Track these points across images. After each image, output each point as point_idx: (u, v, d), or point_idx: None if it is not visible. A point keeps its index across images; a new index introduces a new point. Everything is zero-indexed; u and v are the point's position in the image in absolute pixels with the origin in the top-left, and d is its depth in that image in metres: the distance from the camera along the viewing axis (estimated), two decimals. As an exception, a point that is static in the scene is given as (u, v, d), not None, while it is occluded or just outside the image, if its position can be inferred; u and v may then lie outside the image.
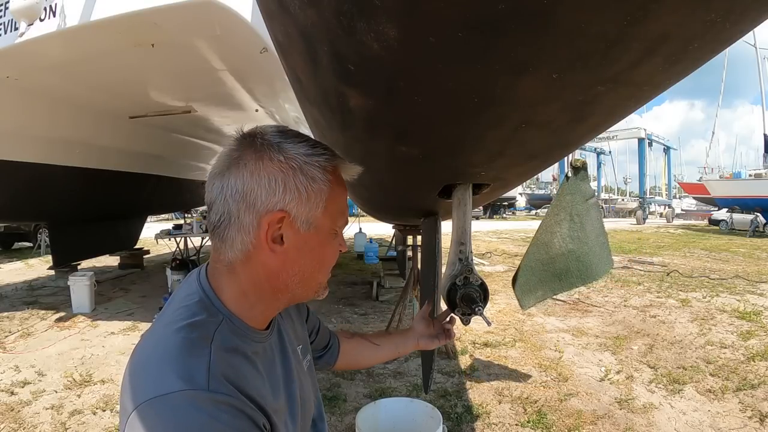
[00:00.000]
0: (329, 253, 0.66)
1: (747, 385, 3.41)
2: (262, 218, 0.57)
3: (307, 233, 0.61)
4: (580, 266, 1.52)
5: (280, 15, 0.56)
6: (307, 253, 0.62)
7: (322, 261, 0.65)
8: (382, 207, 2.06)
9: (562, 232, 1.48)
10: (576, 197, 1.47)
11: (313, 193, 0.59)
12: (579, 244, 1.50)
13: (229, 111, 6.02)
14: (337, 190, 0.62)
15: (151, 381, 0.51)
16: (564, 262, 1.51)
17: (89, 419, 2.99)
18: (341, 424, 2.88)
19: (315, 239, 0.62)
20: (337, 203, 0.63)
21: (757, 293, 6.50)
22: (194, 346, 0.54)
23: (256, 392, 0.56)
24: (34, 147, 5.19)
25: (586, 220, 1.49)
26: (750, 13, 0.37)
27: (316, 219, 0.60)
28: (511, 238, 15.42)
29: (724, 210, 21.02)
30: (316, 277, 0.65)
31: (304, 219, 0.60)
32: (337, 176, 0.62)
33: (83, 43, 3.54)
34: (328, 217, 0.62)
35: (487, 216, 31.36)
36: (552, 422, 2.90)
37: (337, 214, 0.64)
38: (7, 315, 5.47)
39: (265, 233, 0.58)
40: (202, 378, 0.51)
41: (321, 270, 0.66)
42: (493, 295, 6.26)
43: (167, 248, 9.06)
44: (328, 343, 0.98)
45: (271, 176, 0.57)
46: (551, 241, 1.50)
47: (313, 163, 0.59)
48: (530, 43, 0.40)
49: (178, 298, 0.62)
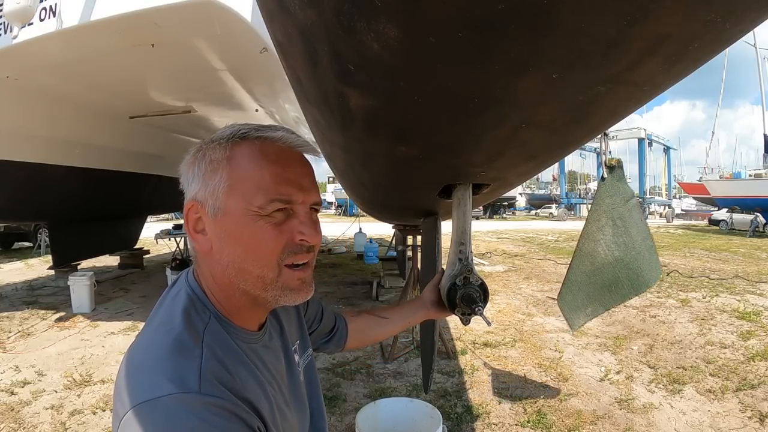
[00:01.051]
0: (253, 238, 0.56)
1: (747, 385, 3.41)
2: (183, 211, 0.59)
3: (218, 218, 0.57)
4: (630, 274, 1.38)
5: (280, 15, 0.56)
6: (226, 241, 0.57)
7: (245, 248, 0.56)
8: (382, 207, 2.06)
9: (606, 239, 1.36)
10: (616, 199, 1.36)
11: (209, 175, 0.57)
12: (626, 251, 1.36)
13: (229, 111, 6.02)
14: (246, 164, 0.56)
15: (141, 384, 0.50)
16: (612, 271, 1.37)
17: (89, 419, 2.99)
18: (341, 424, 2.88)
19: (228, 224, 0.56)
20: (251, 181, 0.56)
21: (757, 293, 6.50)
22: (185, 347, 0.53)
23: (250, 393, 0.55)
24: (34, 147, 5.19)
25: (630, 223, 1.36)
26: (750, 13, 0.37)
27: (221, 201, 0.56)
28: (511, 238, 15.42)
29: (724, 210, 21.03)
30: (248, 270, 0.57)
31: (211, 204, 0.57)
32: (248, 150, 0.57)
33: (83, 42, 3.53)
34: (237, 197, 0.56)
35: (487, 216, 31.39)
36: (552, 422, 2.90)
37: (252, 192, 0.56)
38: (7, 315, 5.47)
39: (188, 224, 0.59)
40: (193, 380, 0.50)
41: (248, 259, 0.57)
42: (493, 295, 6.26)
43: (167, 248, 9.07)
44: (334, 326, 0.96)
45: (188, 170, 0.60)
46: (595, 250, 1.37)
47: (212, 146, 0.58)
48: (530, 43, 0.40)
49: (168, 298, 0.61)
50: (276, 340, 0.71)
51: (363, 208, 2.77)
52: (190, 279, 0.62)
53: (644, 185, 31.42)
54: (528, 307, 5.81)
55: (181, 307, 0.58)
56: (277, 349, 0.70)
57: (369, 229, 10.72)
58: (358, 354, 4.08)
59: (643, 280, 1.39)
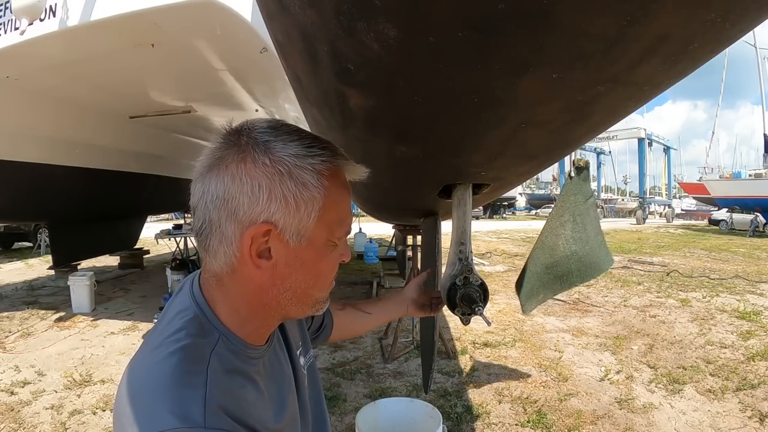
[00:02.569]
0: (326, 267, 0.58)
1: (747, 385, 3.41)
2: (245, 230, 0.51)
3: (298, 247, 0.53)
4: (580, 266, 1.52)
5: (280, 15, 0.56)
6: (298, 268, 0.55)
7: (317, 276, 0.57)
8: (382, 207, 2.06)
9: (566, 234, 1.47)
10: (578, 197, 1.46)
11: (303, 202, 0.52)
12: (581, 245, 1.49)
13: (229, 111, 6.02)
14: (335, 196, 0.54)
15: (142, 416, 0.47)
16: (567, 264, 1.50)
17: (89, 419, 2.99)
18: (341, 424, 2.88)
19: (307, 253, 0.54)
20: (336, 211, 0.55)
21: (757, 293, 6.50)
22: (189, 373, 0.50)
23: (257, 419, 0.53)
24: (34, 147, 5.19)
25: (587, 220, 1.49)
26: (750, 13, 0.37)
27: (308, 231, 0.53)
28: (511, 238, 15.42)
29: (724, 210, 21.03)
30: (312, 294, 0.58)
31: (293, 231, 0.52)
32: (336, 180, 0.55)
33: (83, 43, 3.53)
34: (323, 228, 0.54)
35: (487, 216, 31.38)
36: (552, 422, 2.90)
37: (335, 224, 0.56)
38: (7, 315, 5.47)
39: (249, 248, 0.52)
40: (197, 413, 0.46)
41: (316, 285, 0.58)
42: (493, 295, 6.25)
43: (167, 248, 9.07)
44: (322, 322, 0.96)
45: (255, 182, 0.50)
46: (556, 243, 1.47)
47: (305, 166, 0.51)
48: (530, 43, 0.40)
49: (171, 314, 0.57)
50: (282, 348, 0.70)
51: (363, 208, 2.77)
52: (196, 294, 0.58)
53: (644, 185, 31.39)
54: (528, 307, 5.80)
55: (186, 327, 0.54)
56: (283, 356, 0.69)
57: (369, 229, 10.72)
58: (358, 354, 4.08)
59: (591, 271, 1.56)
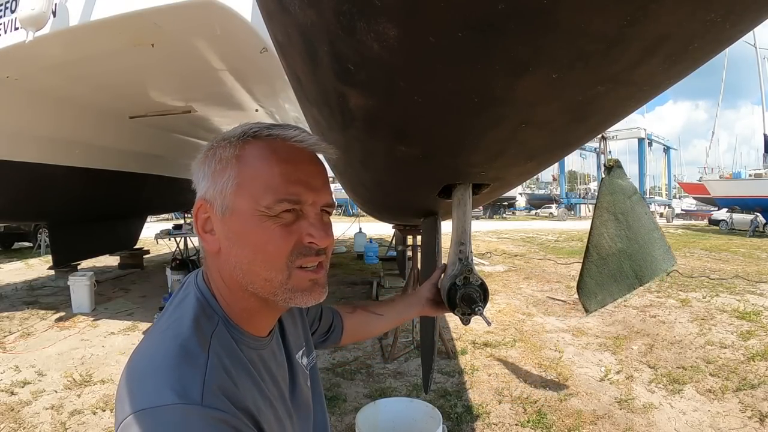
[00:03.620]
0: (262, 239, 0.55)
1: (747, 385, 3.41)
2: (193, 210, 0.59)
3: (225, 218, 0.56)
4: (633, 265, 1.50)
5: (280, 15, 0.56)
6: (234, 241, 0.56)
7: (255, 250, 0.55)
8: (382, 207, 2.06)
9: (610, 231, 1.49)
10: (617, 196, 1.48)
11: (219, 174, 0.56)
12: (628, 243, 1.49)
13: (229, 111, 6.02)
14: (256, 164, 0.55)
15: (143, 391, 0.49)
16: (616, 261, 1.50)
17: (89, 419, 2.99)
18: (341, 424, 2.88)
19: (236, 223, 0.55)
20: (258, 179, 0.55)
21: (757, 293, 6.50)
22: (190, 353, 0.51)
23: (252, 404, 0.54)
24: (34, 147, 5.20)
25: (632, 217, 1.49)
26: (750, 13, 0.37)
27: (229, 200, 0.55)
28: (511, 238, 15.42)
29: (724, 210, 21.02)
30: (256, 272, 0.56)
31: (219, 203, 0.56)
32: (257, 149, 0.56)
33: (83, 43, 3.54)
34: (245, 196, 0.55)
35: (487, 216, 31.37)
36: (552, 422, 2.90)
37: (260, 192, 0.54)
38: (7, 315, 5.47)
39: (196, 223, 0.59)
40: (196, 391, 0.48)
41: (256, 261, 0.55)
42: (493, 295, 6.26)
43: (167, 248, 9.07)
44: (331, 326, 0.97)
45: (198, 167, 0.59)
46: (600, 242, 1.50)
47: (224, 144, 0.57)
48: (530, 43, 0.40)
49: (176, 300, 0.60)
50: (281, 345, 0.70)
51: (363, 208, 2.77)
52: (199, 281, 0.61)
53: (644, 185, 31.37)
54: (528, 307, 5.81)
55: (189, 311, 0.57)
56: (282, 354, 0.69)
57: (369, 229, 10.72)
58: (358, 354, 4.08)
59: (648, 271, 1.51)
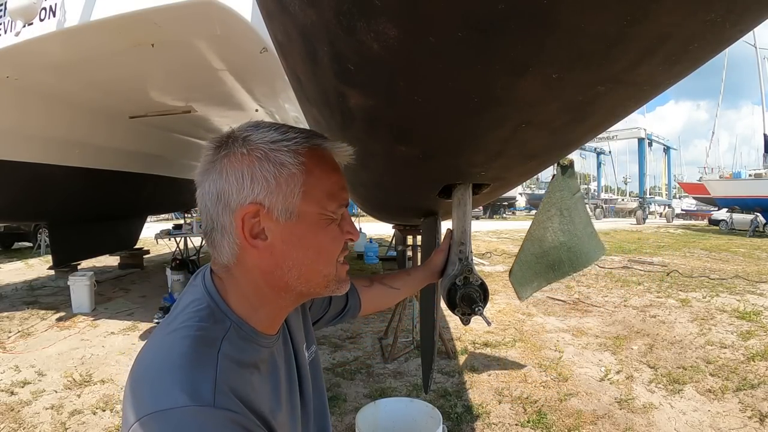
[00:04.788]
0: (326, 240, 0.61)
1: (747, 385, 3.41)
2: (236, 215, 0.56)
3: (289, 222, 0.57)
4: (570, 256, 1.64)
5: (280, 15, 0.56)
6: (296, 245, 0.58)
7: (318, 251, 0.60)
8: (382, 207, 2.06)
9: (554, 226, 1.59)
10: (564, 193, 1.57)
11: (283, 180, 0.56)
12: (569, 236, 1.61)
13: (229, 111, 6.03)
14: (318, 172, 0.59)
15: (153, 393, 0.48)
16: (556, 253, 1.62)
17: (89, 419, 2.99)
18: (341, 424, 2.88)
19: (301, 228, 0.58)
20: (321, 186, 0.59)
21: (757, 293, 6.50)
22: (200, 355, 0.52)
23: (262, 404, 0.55)
24: (34, 147, 5.20)
25: (575, 213, 1.61)
26: (750, 13, 0.37)
27: (296, 206, 0.57)
28: (511, 238, 15.41)
29: (724, 210, 21.02)
30: (318, 270, 0.61)
31: (281, 208, 0.57)
32: (317, 158, 0.59)
33: (83, 43, 3.54)
34: (312, 203, 0.58)
35: (487, 216, 31.39)
36: (552, 422, 2.90)
37: (324, 198, 0.60)
38: (7, 315, 5.47)
39: (242, 230, 0.56)
40: (207, 393, 0.48)
41: (320, 260, 0.61)
42: (493, 295, 6.26)
43: (167, 248, 9.07)
44: (346, 305, 0.98)
45: (238, 172, 0.56)
46: (544, 235, 1.60)
47: (279, 148, 0.57)
48: (530, 43, 0.40)
49: (184, 303, 0.60)
50: (287, 341, 0.71)
51: (363, 208, 2.77)
52: (208, 286, 0.61)
53: (644, 185, 31.36)
54: (528, 307, 5.80)
55: (199, 313, 0.57)
56: (288, 349, 0.71)
57: (369, 229, 10.72)
58: (358, 354, 4.08)
59: (582, 260, 1.68)
